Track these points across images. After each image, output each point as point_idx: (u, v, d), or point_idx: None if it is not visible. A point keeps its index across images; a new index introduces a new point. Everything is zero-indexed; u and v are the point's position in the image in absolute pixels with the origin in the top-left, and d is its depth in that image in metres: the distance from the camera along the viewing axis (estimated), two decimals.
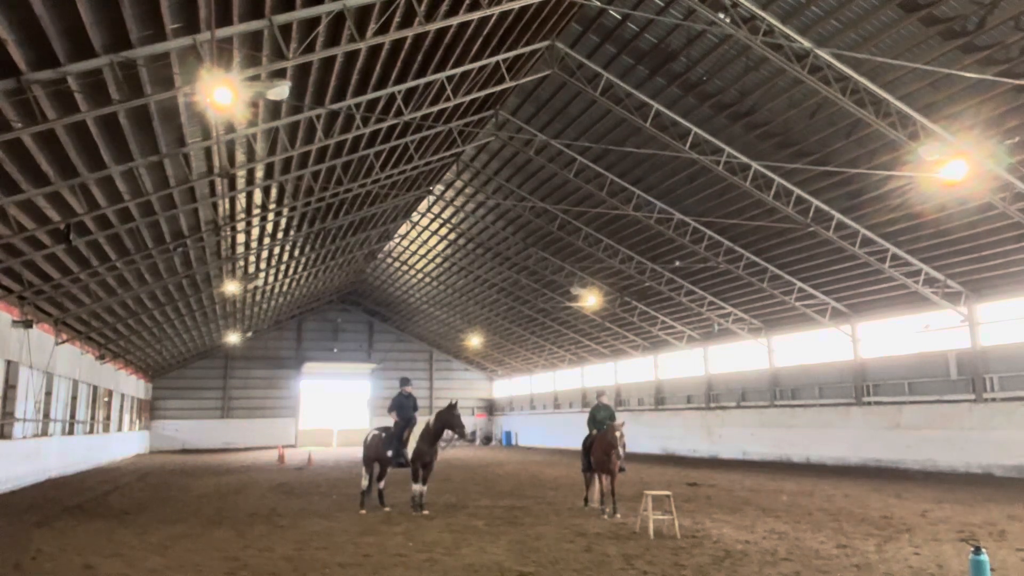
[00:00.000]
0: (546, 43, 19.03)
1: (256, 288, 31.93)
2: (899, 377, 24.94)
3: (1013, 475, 20.39)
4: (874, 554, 9.08)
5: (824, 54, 15.62)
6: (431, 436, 13.64)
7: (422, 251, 37.59)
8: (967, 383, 22.58)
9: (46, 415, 23.73)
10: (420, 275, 41.24)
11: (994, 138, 16.23)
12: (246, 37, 11.82)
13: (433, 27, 14.03)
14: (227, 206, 19.97)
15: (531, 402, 51.90)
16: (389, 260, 41.15)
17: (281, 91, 11.61)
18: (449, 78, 17.56)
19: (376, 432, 14.61)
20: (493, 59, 17.81)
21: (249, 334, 45.01)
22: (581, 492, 15.03)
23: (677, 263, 27.21)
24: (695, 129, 19.89)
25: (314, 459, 31.70)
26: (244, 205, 20.37)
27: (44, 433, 23.66)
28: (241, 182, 18.50)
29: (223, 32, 11.08)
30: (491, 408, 57.73)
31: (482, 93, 19.62)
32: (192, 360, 47.96)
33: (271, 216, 22.27)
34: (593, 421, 14.07)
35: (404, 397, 14.43)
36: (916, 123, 16.33)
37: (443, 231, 34.34)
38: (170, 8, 10.12)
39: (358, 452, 16.88)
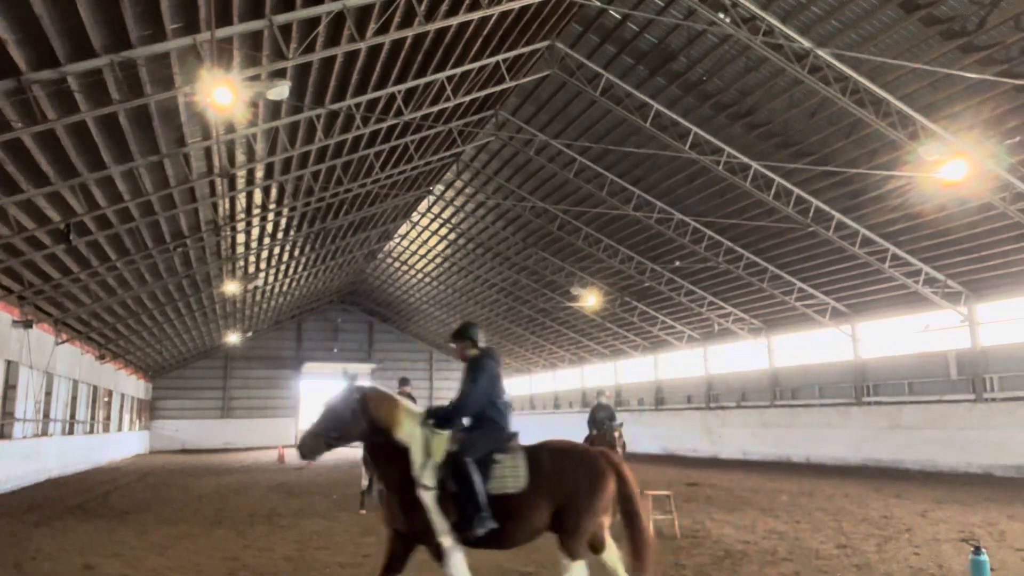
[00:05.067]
0: (546, 43, 19.03)
1: (256, 288, 31.93)
2: (899, 377, 24.94)
3: (1013, 475, 20.38)
4: (874, 554, 9.07)
5: (824, 54, 15.62)
6: None
7: (422, 251, 37.59)
8: (967, 383, 22.57)
9: (46, 415, 23.72)
10: (420, 275, 41.24)
11: (994, 138, 16.23)
12: (246, 37, 11.82)
13: (433, 27, 14.03)
14: (227, 206, 19.97)
15: (531, 402, 51.89)
16: (389, 260, 41.15)
17: (281, 91, 11.63)
18: (449, 78, 17.56)
19: None
20: (493, 59, 17.81)
21: (249, 334, 44.99)
22: None
23: (677, 263, 27.21)
24: (695, 129, 19.88)
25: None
26: (244, 205, 20.38)
27: (44, 433, 23.65)
28: (241, 182, 18.50)
29: (223, 32, 11.09)
30: None
31: (482, 93, 19.62)
32: (192, 360, 47.95)
33: (271, 216, 22.27)
34: (593, 421, 14.07)
35: (404, 397, 14.42)
36: (916, 123, 16.33)
37: (443, 231, 34.33)
38: (170, 8, 10.12)
39: (358, 452, 16.84)
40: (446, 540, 5.16)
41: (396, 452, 5.39)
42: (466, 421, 5.69)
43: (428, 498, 5.18)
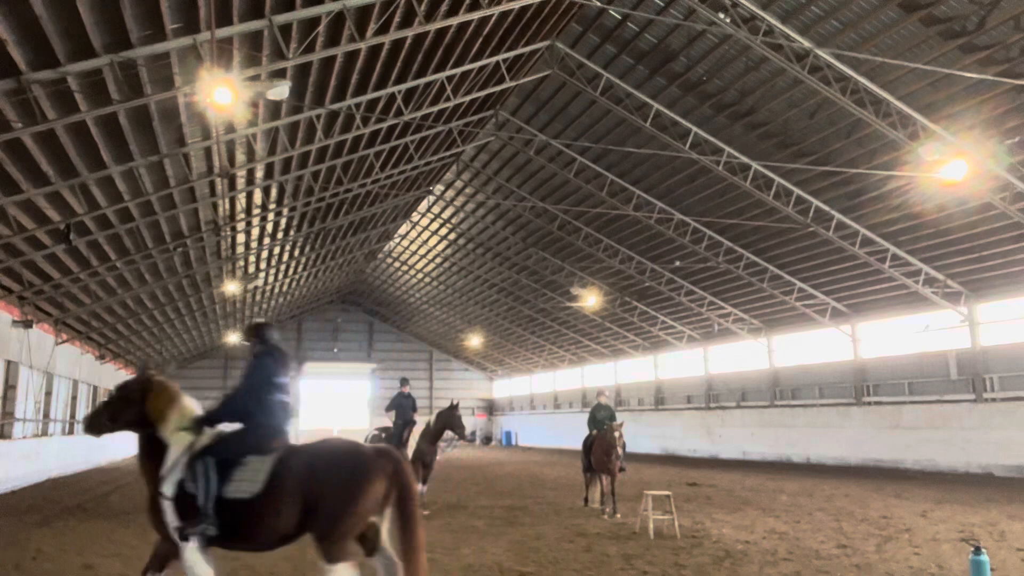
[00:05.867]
0: (546, 43, 19.03)
1: (256, 288, 31.92)
2: (899, 377, 24.94)
3: (1013, 475, 20.39)
4: (874, 554, 9.07)
5: (824, 54, 15.62)
6: (431, 436, 13.65)
7: (422, 251, 37.60)
8: (967, 383, 22.58)
9: (46, 415, 23.74)
10: (420, 275, 41.25)
11: (994, 138, 16.24)
12: (246, 37, 11.82)
13: (433, 27, 14.03)
14: (227, 206, 19.97)
15: (531, 402, 51.89)
16: (389, 260, 41.16)
17: (281, 91, 11.64)
18: (449, 78, 17.56)
19: (376, 432, 14.61)
20: (493, 59, 17.82)
21: None
22: (581, 492, 15.03)
23: (677, 263, 27.22)
24: (695, 129, 19.89)
25: None
26: (244, 205, 20.38)
27: (44, 433, 23.67)
28: (241, 182, 18.50)
29: (223, 32, 11.08)
30: (491, 408, 57.72)
31: (482, 93, 19.62)
32: (192, 360, 47.95)
33: (271, 216, 22.27)
34: (593, 421, 14.06)
35: (403, 397, 14.43)
36: (916, 123, 16.33)
37: (443, 231, 34.34)
38: (170, 8, 10.12)
39: None
40: (179, 539, 5.08)
41: (157, 448, 5.30)
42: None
43: (165, 499, 5.10)
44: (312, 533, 5.10)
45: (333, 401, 52.67)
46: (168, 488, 5.10)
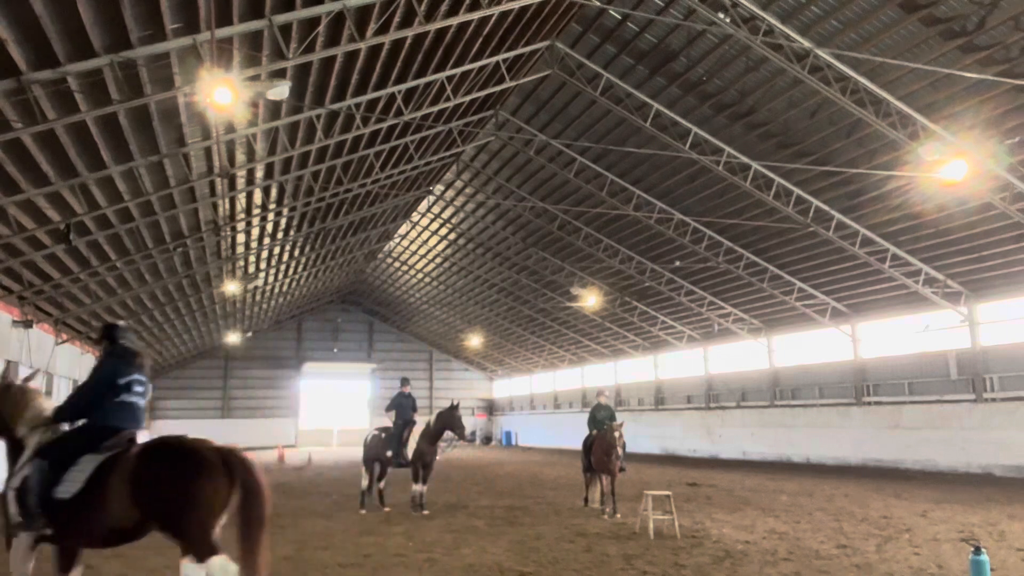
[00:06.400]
0: (546, 43, 19.03)
1: (256, 288, 31.92)
2: (899, 377, 24.94)
3: (1013, 475, 20.39)
4: (874, 554, 9.07)
5: (824, 54, 15.62)
6: (431, 436, 13.66)
7: (422, 251, 37.60)
8: (967, 383, 22.58)
9: None
10: (420, 275, 41.25)
11: (994, 138, 16.24)
12: (246, 37, 11.81)
13: (433, 27, 14.03)
14: (227, 206, 19.96)
15: (531, 402, 51.89)
16: (389, 260, 41.16)
17: (281, 91, 11.63)
18: (449, 78, 17.56)
19: (376, 432, 14.62)
20: (493, 59, 17.81)
21: (249, 334, 44.97)
22: (581, 492, 15.04)
23: (677, 263, 27.22)
24: (695, 129, 19.89)
25: (314, 459, 31.65)
26: (244, 205, 20.37)
27: None
28: (241, 182, 18.50)
29: (223, 32, 11.08)
30: (491, 408, 57.71)
31: (482, 93, 19.62)
32: (192, 360, 47.95)
33: (271, 216, 22.27)
34: (593, 421, 14.07)
35: (403, 397, 14.44)
36: (916, 123, 16.33)
37: (443, 231, 34.34)
38: (170, 8, 10.11)
39: (358, 452, 16.88)
40: (14, 536, 5.20)
41: (17, 450, 5.45)
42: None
43: (10, 495, 5.21)
44: (171, 535, 5.15)
45: (333, 401, 52.71)
46: (12, 485, 5.20)
